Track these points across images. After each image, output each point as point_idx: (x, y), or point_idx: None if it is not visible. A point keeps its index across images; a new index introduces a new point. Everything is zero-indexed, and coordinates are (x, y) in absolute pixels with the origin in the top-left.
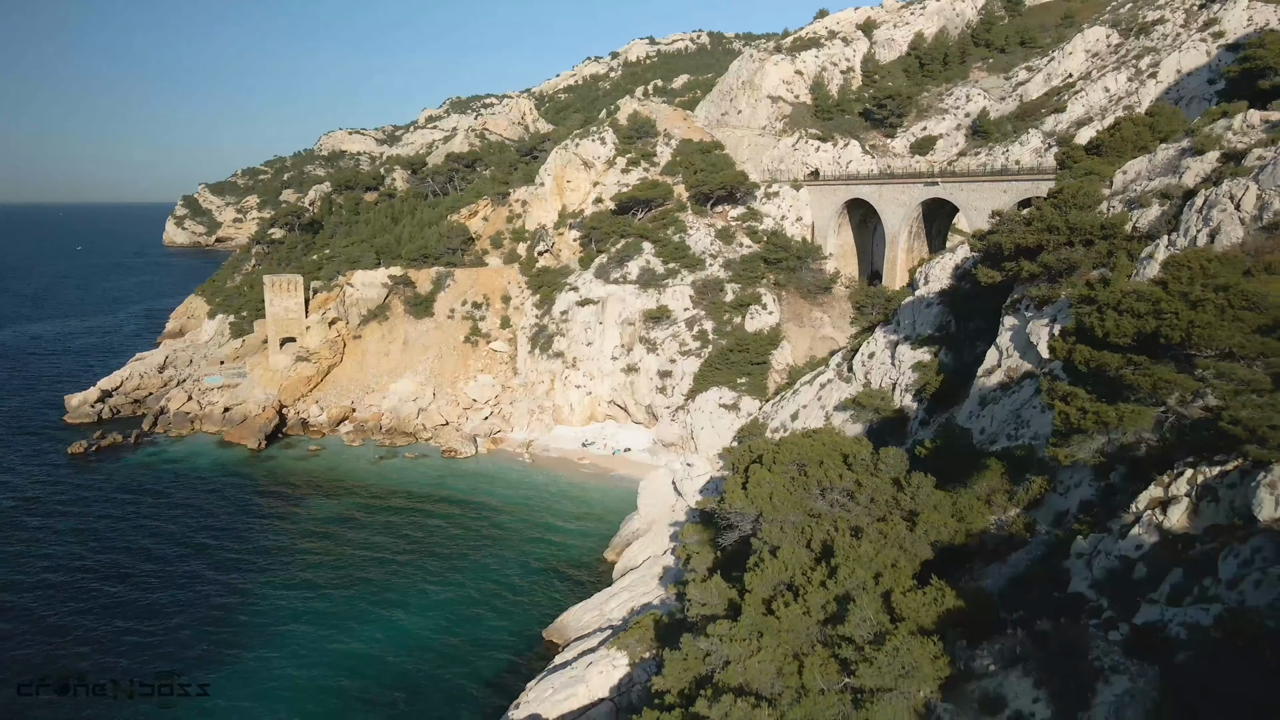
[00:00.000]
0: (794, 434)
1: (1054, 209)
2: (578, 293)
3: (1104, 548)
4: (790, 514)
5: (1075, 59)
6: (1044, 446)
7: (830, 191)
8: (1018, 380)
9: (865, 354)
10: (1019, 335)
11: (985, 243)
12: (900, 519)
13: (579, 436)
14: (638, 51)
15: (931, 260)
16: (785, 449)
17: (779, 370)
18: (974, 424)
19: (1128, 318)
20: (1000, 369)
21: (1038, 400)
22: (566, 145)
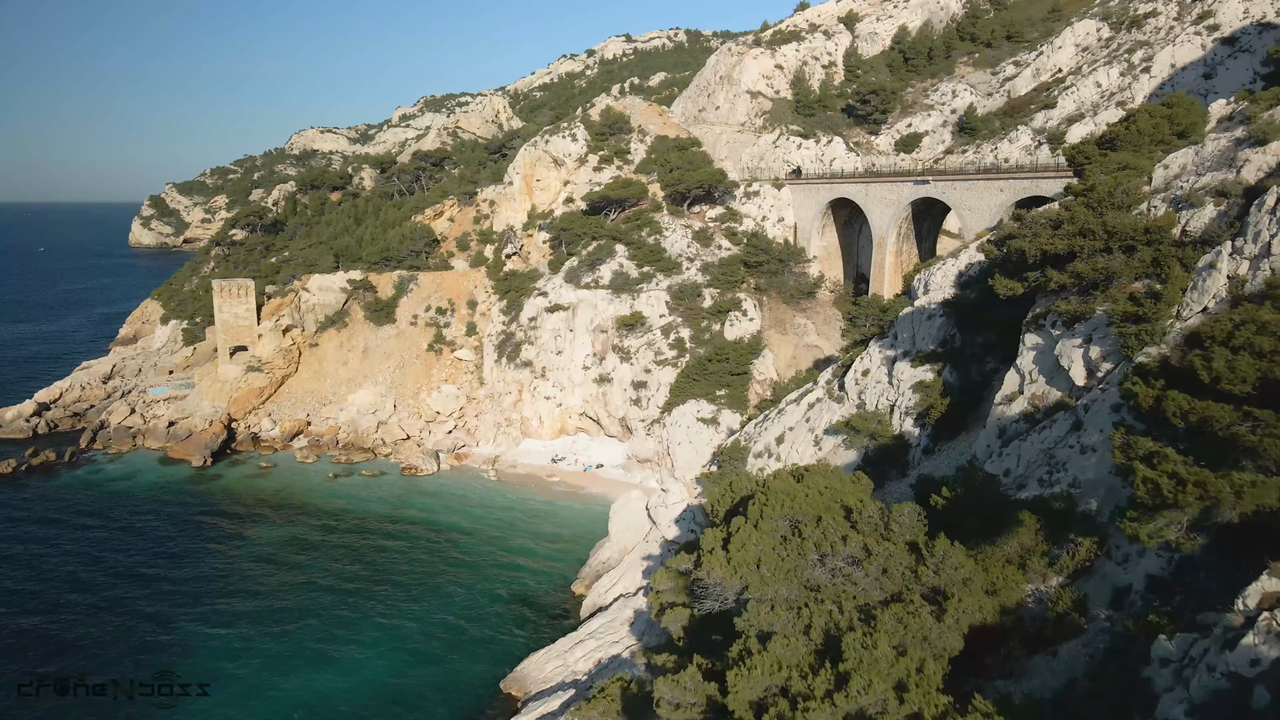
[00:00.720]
0: (783, 474)
1: (1087, 209)
2: (547, 298)
3: (1202, 658)
4: (783, 587)
5: (1064, 53)
6: (1087, 496)
7: (814, 190)
8: (1046, 411)
9: (858, 371)
10: (1044, 357)
11: (1005, 249)
12: (921, 599)
13: (548, 451)
14: (614, 50)
15: (931, 266)
16: (774, 498)
17: (760, 381)
18: (996, 463)
19: (1246, 358)
20: (1023, 396)
21: (1075, 439)
22: (535, 142)
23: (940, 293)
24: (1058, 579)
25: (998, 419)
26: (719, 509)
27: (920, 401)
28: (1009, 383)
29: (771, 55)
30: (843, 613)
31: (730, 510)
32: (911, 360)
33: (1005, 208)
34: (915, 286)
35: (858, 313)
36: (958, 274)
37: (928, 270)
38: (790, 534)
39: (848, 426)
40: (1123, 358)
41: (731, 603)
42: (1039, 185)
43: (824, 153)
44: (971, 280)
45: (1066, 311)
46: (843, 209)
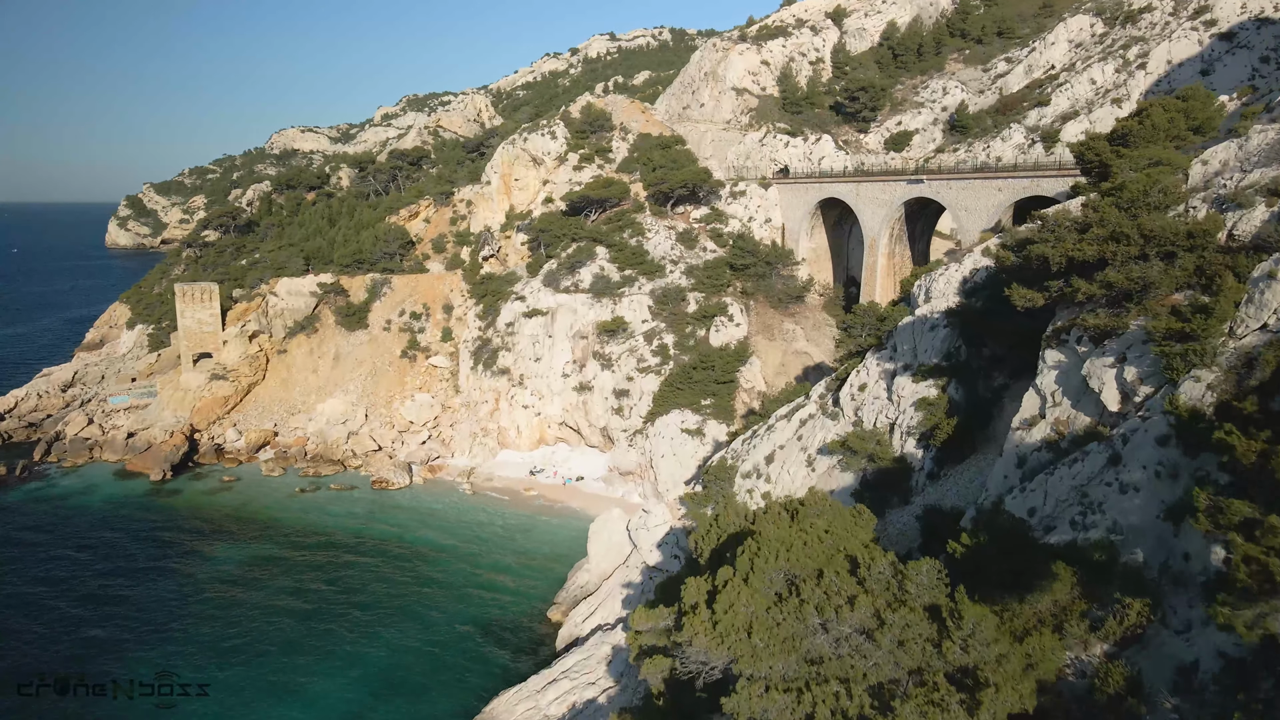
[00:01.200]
0: (775, 510)
1: (1118, 210)
2: (524, 302)
3: None
4: (779, 661)
5: (1057, 49)
6: (1131, 545)
7: (802, 190)
8: (1074, 439)
9: (855, 385)
10: (1068, 376)
11: (1024, 255)
12: (947, 682)
13: (526, 462)
14: (598, 48)
15: (933, 272)
16: (767, 545)
17: (748, 389)
18: (1019, 500)
19: None
20: (1045, 421)
21: (1114, 475)
22: (514, 140)
23: (943, 301)
24: (1102, 646)
25: (1016, 445)
26: (703, 547)
27: (923, 420)
28: (1028, 404)
29: (757, 51)
30: (852, 697)
31: (716, 550)
32: (913, 375)
33: (1004, 208)
34: (915, 294)
35: (853, 322)
36: (962, 280)
37: (928, 276)
38: (786, 592)
39: (843, 447)
40: (1165, 381)
41: (718, 672)
42: (1039, 184)
43: (812, 151)
44: (978, 287)
45: (1095, 326)
46: (832, 209)
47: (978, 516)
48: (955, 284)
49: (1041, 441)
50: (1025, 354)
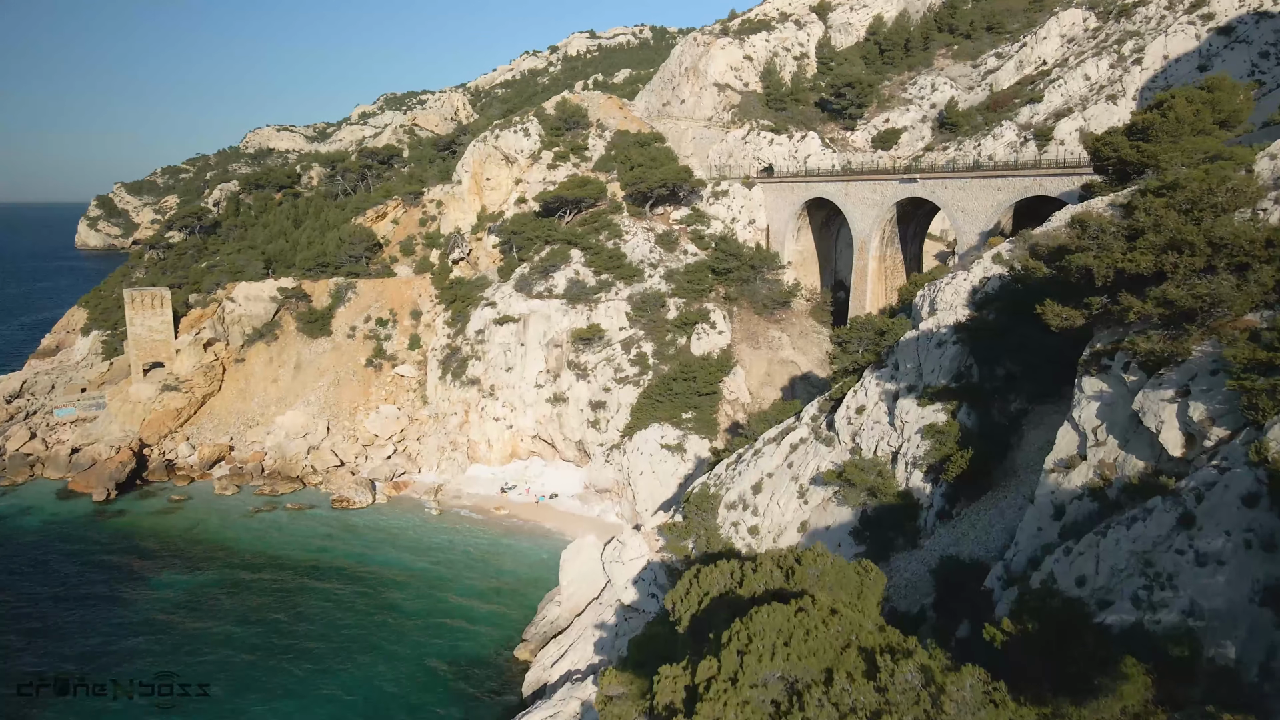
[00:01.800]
0: (766, 570)
1: (1177, 213)
2: (495, 309)
3: None
4: None
5: (1049, 44)
6: (1218, 636)
7: (788, 190)
8: (1126, 489)
9: (851, 408)
10: (1114, 410)
11: (1061, 265)
12: None
13: (497, 478)
14: (578, 46)
15: (938, 281)
16: (760, 636)
17: (731, 401)
18: (1063, 566)
19: None
20: (1087, 464)
21: (1186, 540)
22: (485, 138)
23: (951, 314)
24: None
25: (1051, 492)
26: (681, 611)
27: (932, 450)
28: (1064, 441)
29: (740, 45)
30: None
31: (697, 617)
32: (918, 397)
33: (1003, 209)
34: (918, 305)
35: (848, 336)
36: (971, 291)
37: (932, 286)
38: (786, 702)
39: (840, 478)
40: (1246, 422)
41: None
42: (1042, 184)
43: (797, 149)
44: (989, 298)
45: (1147, 351)
46: (819, 210)
47: (1009, 579)
48: (964, 295)
49: (1083, 489)
50: (1046, 374)
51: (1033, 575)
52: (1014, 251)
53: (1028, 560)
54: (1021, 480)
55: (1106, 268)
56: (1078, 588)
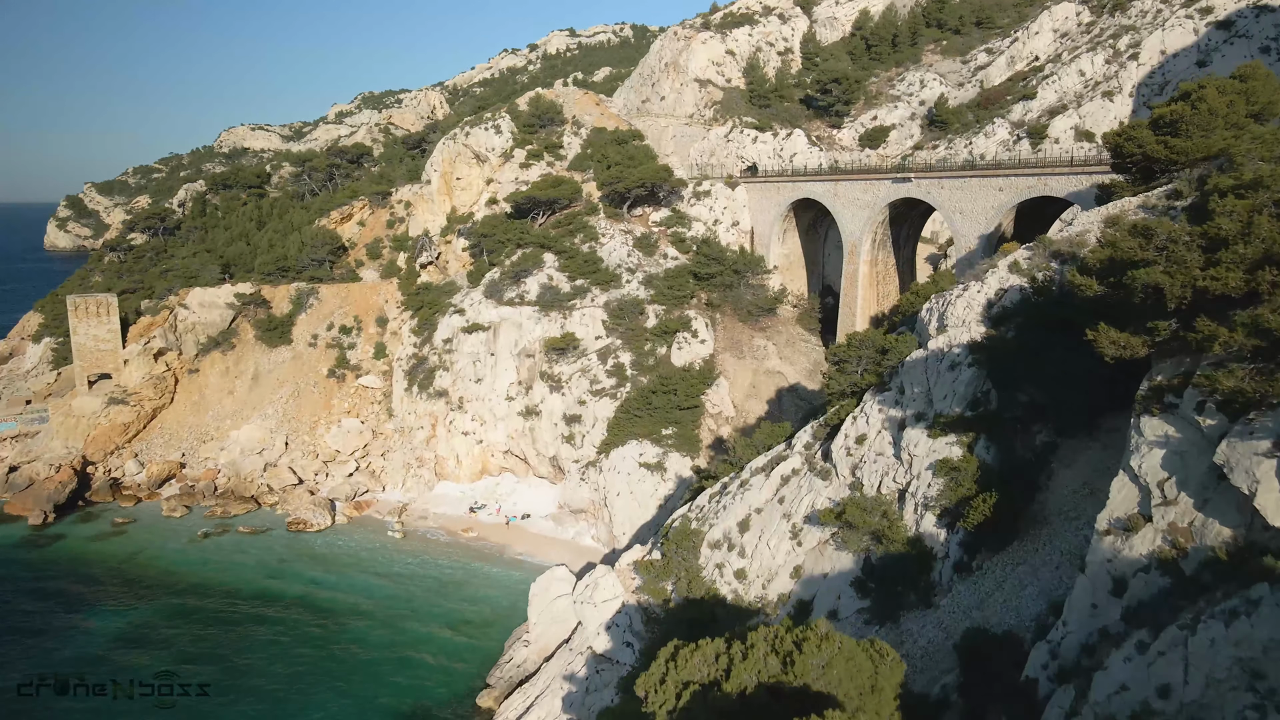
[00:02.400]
0: (761, 649)
1: (1270, 218)
2: (464, 316)
3: None
4: None
5: (1042, 39)
6: None
7: (773, 190)
8: (1212, 564)
9: (851, 437)
10: (1188, 461)
11: (1120, 281)
12: None
13: (466, 496)
14: (557, 44)
15: (948, 292)
16: None
17: (714, 415)
18: (1135, 667)
19: None
20: (1153, 526)
21: None
22: (455, 135)
23: (964, 331)
24: None
25: (1107, 560)
26: (655, 705)
27: (946, 490)
28: (1121, 497)
29: (722, 40)
30: None
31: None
32: (928, 427)
33: (1004, 210)
34: (924, 319)
35: (845, 354)
36: (986, 304)
37: (940, 298)
38: None
39: (839, 518)
40: None
41: None
42: (1048, 184)
43: (782, 147)
44: (1008, 313)
45: (1233, 390)
46: (807, 211)
47: (1060, 672)
48: (978, 309)
49: (1150, 558)
50: (1076, 403)
51: (1096, 678)
52: (1033, 260)
53: (1081, 647)
54: (1054, 530)
55: (1182, 286)
56: (1160, 700)
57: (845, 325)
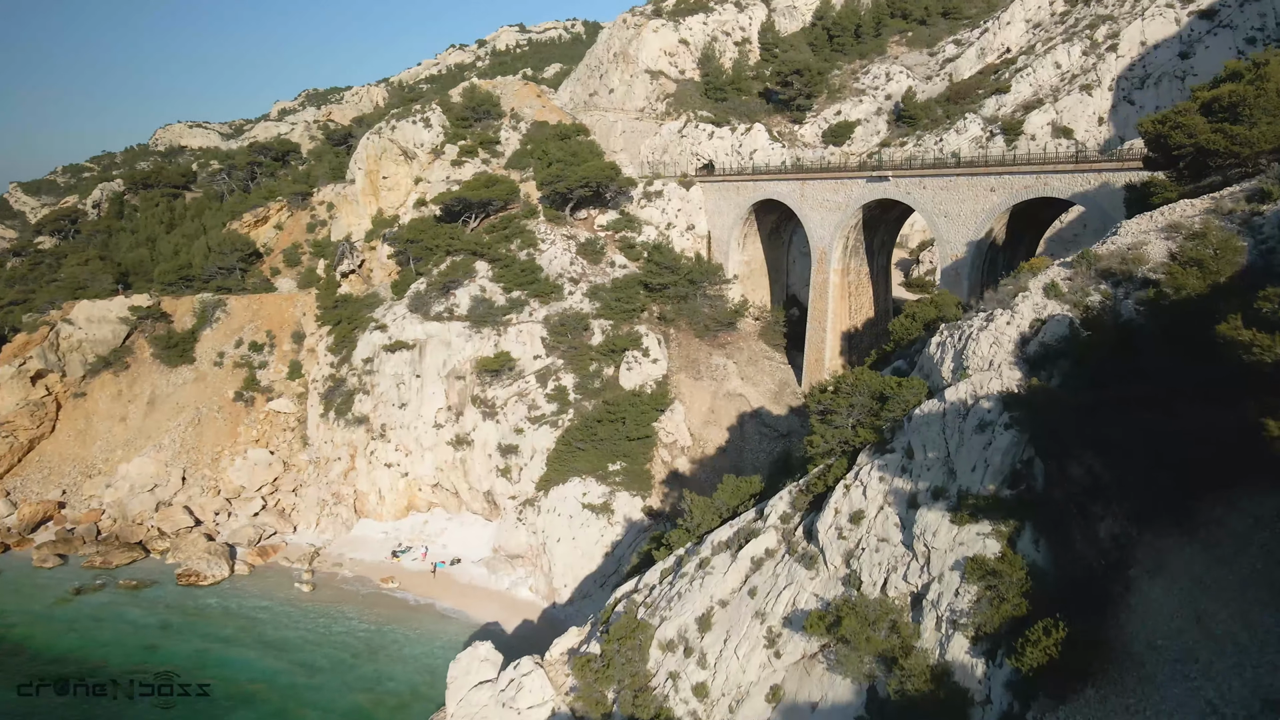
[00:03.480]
0: None
1: None
2: (385, 332)
3: None
4: None
5: (1013, 30)
6: None
7: (732, 191)
8: None
9: (843, 513)
10: None
11: None
12: None
13: (389, 538)
14: (507, 40)
15: (965, 322)
16: None
17: (668, 444)
18: None
19: None
20: None
21: None
22: (380, 129)
23: (992, 376)
24: None
25: None
26: None
27: (982, 602)
28: None
29: (675, 28)
30: None
31: None
32: (951, 509)
33: (997, 213)
34: (933, 357)
35: (831, 401)
36: (1019, 339)
37: (956, 331)
38: None
39: (830, 629)
40: None
41: None
42: (1048, 183)
43: (741, 143)
44: (1050, 353)
45: None
46: (769, 214)
47: None
48: (1008, 346)
49: None
50: (1158, 479)
51: None
52: (1075, 281)
53: None
54: (1149, 676)
55: None
56: None
57: (814, 342)
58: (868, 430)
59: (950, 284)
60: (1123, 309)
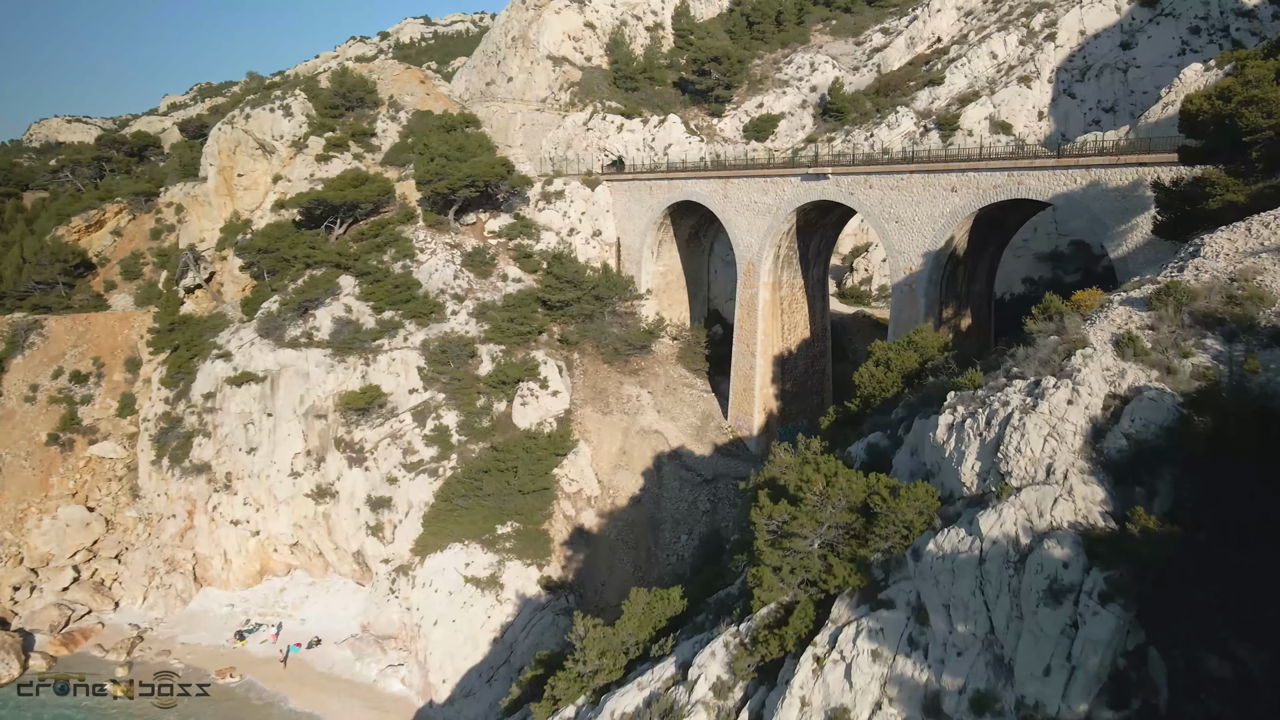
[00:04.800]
0: None
1: None
2: (230, 361)
3: None
4: None
5: (944, 18)
6: None
7: (644, 191)
8: None
9: (813, 707)
10: None
11: None
12: None
13: (236, 612)
14: (411, 32)
15: (993, 396)
16: None
17: (572, 495)
18: None
19: None
20: None
21: None
22: (233, 119)
23: (1059, 495)
24: None
25: None
26: None
27: None
28: None
29: (580, 9)
30: None
31: None
32: None
33: (959, 218)
34: (943, 447)
35: (787, 514)
36: (1090, 428)
37: (977, 407)
38: None
39: None
40: None
41: None
42: (1023, 181)
43: (654, 137)
44: (1148, 453)
45: None
46: (687, 217)
47: None
48: (1074, 440)
49: None
50: None
51: None
52: (1161, 332)
53: None
54: None
55: None
56: None
57: (741, 369)
58: (846, 566)
59: (902, 304)
60: (1249, 380)
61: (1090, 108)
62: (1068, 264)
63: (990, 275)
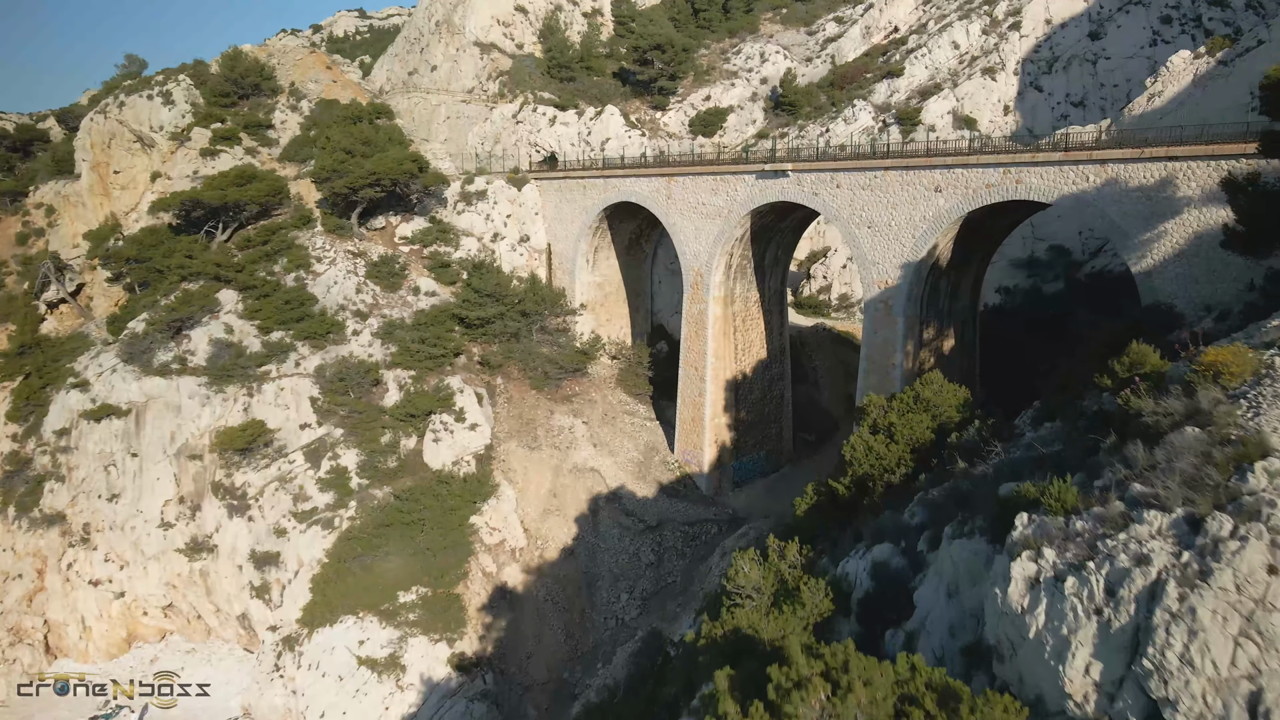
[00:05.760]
0: None
1: None
2: (88, 391)
3: None
4: None
5: (902, 6)
6: None
7: (578, 191)
8: None
9: None
10: None
11: None
12: None
13: (92, 687)
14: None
15: (1120, 542)
16: None
17: (493, 548)
18: None
19: None
20: None
21: None
22: (107, 108)
23: None
24: None
25: None
26: None
27: None
28: None
29: None
30: None
31: None
32: None
33: (943, 224)
34: (1018, 610)
35: None
36: None
37: (1102, 575)
38: None
39: None
40: None
41: None
42: (1023, 180)
43: (591, 131)
44: None
45: None
46: (627, 221)
47: None
48: None
49: None
50: None
51: None
52: None
53: None
54: None
55: None
56: None
57: (689, 395)
58: None
59: (877, 324)
60: None
61: (1059, 101)
62: (1045, 271)
63: (975, 289)
